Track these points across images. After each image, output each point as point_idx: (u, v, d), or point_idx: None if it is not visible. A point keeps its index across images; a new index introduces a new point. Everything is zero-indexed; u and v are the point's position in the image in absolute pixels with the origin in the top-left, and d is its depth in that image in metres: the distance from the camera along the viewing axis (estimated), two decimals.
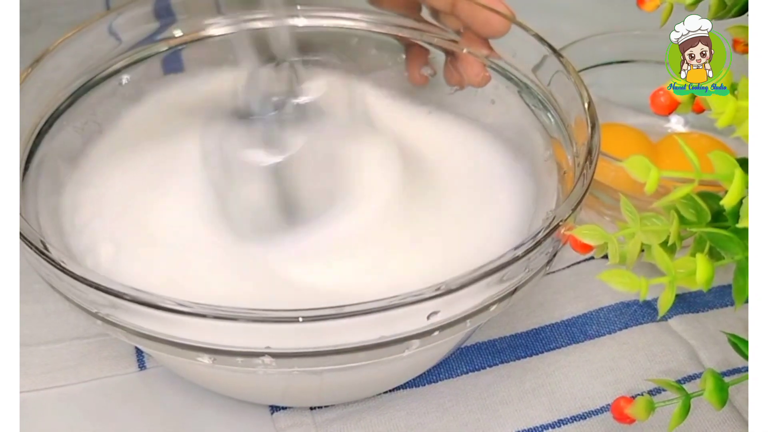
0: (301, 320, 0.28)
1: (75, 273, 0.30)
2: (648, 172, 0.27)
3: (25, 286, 0.39)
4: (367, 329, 0.29)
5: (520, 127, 0.41)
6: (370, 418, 0.36)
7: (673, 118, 0.50)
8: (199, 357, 0.30)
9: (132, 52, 0.43)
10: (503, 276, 0.30)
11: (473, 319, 0.30)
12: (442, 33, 0.43)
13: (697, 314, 0.41)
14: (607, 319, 0.40)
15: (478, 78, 0.42)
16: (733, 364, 0.38)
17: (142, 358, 0.39)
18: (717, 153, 0.27)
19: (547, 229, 0.31)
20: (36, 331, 0.40)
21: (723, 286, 0.41)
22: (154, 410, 0.37)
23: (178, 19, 0.44)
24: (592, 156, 0.34)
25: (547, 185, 0.38)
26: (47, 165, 0.38)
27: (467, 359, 0.39)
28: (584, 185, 0.33)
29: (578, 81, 0.37)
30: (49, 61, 0.39)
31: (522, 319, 0.40)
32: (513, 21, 0.40)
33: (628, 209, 0.30)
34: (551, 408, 0.37)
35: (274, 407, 0.37)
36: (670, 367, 0.38)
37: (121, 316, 0.30)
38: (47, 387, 0.38)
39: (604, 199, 0.44)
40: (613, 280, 0.29)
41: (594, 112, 0.36)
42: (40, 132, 0.38)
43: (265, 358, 0.29)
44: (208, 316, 0.28)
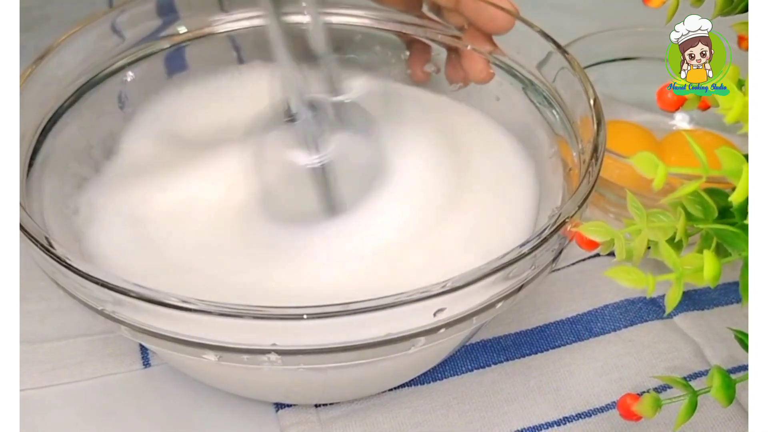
0: (306, 317, 0.28)
1: (80, 270, 0.30)
2: (655, 169, 0.27)
3: (29, 283, 0.39)
4: (373, 326, 0.29)
5: (524, 124, 0.41)
6: (375, 415, 0.36)
7: (678, 116, 0.50)
8: (204, 354, 0.29)
9: (135, 49, 0.43)
10: (509, 273, 0.30)
11: (479, 316, 0.30)
12: (445, 29, 0.43)
13: (703, 311, 0.40)
14: (612, 316, 0.40)
15: (482, 75, 0.42)
16: (739, 361, 0.37)
17: (146, 355, 0.39)
18: (725, 149, 0.27)
19: (553, 227, 0.31)
20: (40, 329, 0.40)
21: (728, 283, 0.41)
22: (158, 408, 0.37)
23: (181, 17, 0.44)
24: (598, 153, 0.34)
25: (552, 183, 0.38)
26: (52, 162, 0.38)
27: (472, 357, 0.39)
28: (590, 182, 0.33)
29: (584, 78, 0.37)
30: (53, 59, 0.39)
31: (527, 316, 0.40)
32: (517, 17, 0.40)
33: (635, 206, 0.30)
34: (556, 405, 0.37)
35: (278, 404, 0.37)
36: (675, 365, 0.38)
37: (127, 313, 0.30)
38: (51, 384, 0.38)
39: (609, 197, 0.44)
40: (620, 277, 0.28)
41: (600, 108, 0.36)
42: (44, 129, 0.38)
43: (271, 356, 0.29)
44: (213, 313, 0.28)
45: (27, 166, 0.36)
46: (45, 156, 0.37)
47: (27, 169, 0.36)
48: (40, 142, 0.37)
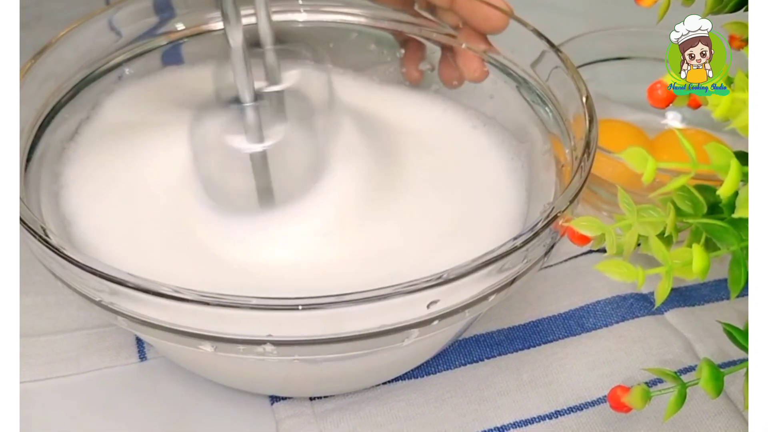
0: (301, 308, 0.29)
1: (76, 260, 0.30)
2: (645, 163, 0.28)
3: (26, 277, 0.40)
4: (367, 317, 0.29)
5: (518, 121, 0.42)
6: (369, 408, 0.36)
7: (670, 114, 0.51)
8: (201, 345, 0.30)
9: (132, 46, 0.43)
10: (502, 266, 0.30)
11: (472, 308, 0.31)
12: (440, 28, 0.44)
13: (693, 308, 0.41)
14: (604, 312, 0.41)
15: (477, 73, 0.42)
16: (729, 356, 0.38)
17: (142, 349, 0.39)
18: (713, 144, 0.27)
19: (545, 220, 0.31)
20: (37, 322, 0.40)
21: (719, 279, 0.42)
22: (154, 401, 0.37)
23: (177, 14, 0.44)
24: (589, 149, 0.34)
25: (545, 179, 0.39)
26: (49, 156, 0.38)
27: (466, 351, 0.39)
28: (582, 177, 0.33)
29: (576, 76, 0.38)
30: (51, 55, 0.39)
31: (520, 312, 0.41)
32: (511, 17, 0.40)
33: (626, 201, 0.30)
34: (548, 399, 0.37)
35: (274, 397, 0.37)
36: (666, 359, 0.38)
37: (124, 303, 0.30)
38: (48, 377, 0.38)
39: (602, 194, 0.45)
40: (610, 270, 0.29)
41: (592, 105, 0.36)
42: (42, 124, 0.38)
43: (266, 346, 0.29)
44: (210, 304, 0.28)
45: (25, 160, 0.36)
46: (43, 150, 0.38)
47: (25, 164, 0.36)
48: (38, 137, 0.38)
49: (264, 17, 0.39)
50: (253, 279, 0.35)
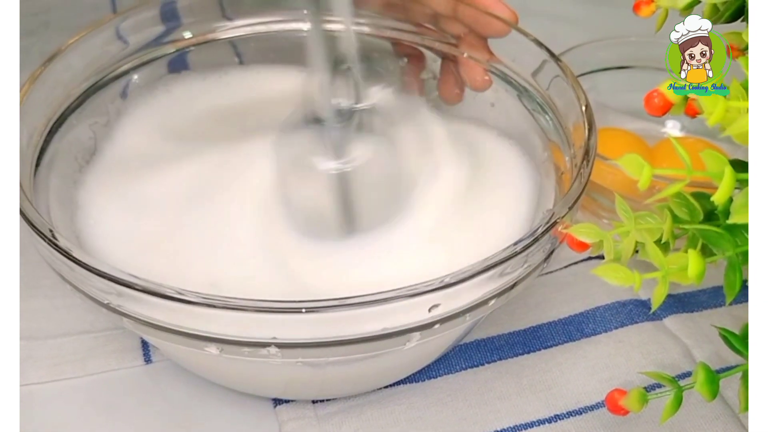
0: (304, 311, 0.29)
1: (84, 262, 0.30)
2: (641, 170, 0.28)
3: (33, 281, 0.40)
4: (369, 321, 0.30)
5: (519, 129, 0.42)
6: (371, 411, 0.37)
7: (669, 123, 0.51)
8: (207, 347, 0.30)
9: (139, 54, 0.44)
10: (503, 270, 0.31)
11: (473, 312, 0.31)
12: (442, 38, 0.44)
13: (692, 314, 0.41)
14: (603, 317, 0.41)
15: (480, 82, 0.43)
16: (727, 361, 0.38)
17: (147, 351, 0.40)
18: (708, 152, 0.28)
19: (545, 226, 0.32)
20: (44, 325, 0.40)
21: (716, 286, 0.42)
22: (159, 403, 0.38)
23: (184, 23, 0.45)
24: (589, 156, 0.35)
25: (545, 186, 0.39)
26: (58, 162, 0.38)
27: (466, 356, 0.39)
28: (581, 184, 0.34)
29: (576, 85, 0.38)
30: (60, 62, 0.40)
31: (520, 317, 0.41)
32: (513, 27, 0.41)
33: (623, 208, 0.31)
34: (548, 403, 0.38)
35: (277, 400, 0.38)
36: (664, 365, 0.39)
37: (131, 306, 0.30)
38: (54, 379, 0.39)
39: (602, 202, 0.45)
40: (608, 275, 0.29)
41: (591, 113, 0.37)
42: (51, 130, 0.39)
43: (270, 349, 0.30)
44: (216, 306, 0.29)
45: (34, 165, 0.37)
46: (52, 156, 0.38)
47: (34, 169, 0.37)
48: (47, 143, 0.38)
49: (350, 34, 0.38)
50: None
